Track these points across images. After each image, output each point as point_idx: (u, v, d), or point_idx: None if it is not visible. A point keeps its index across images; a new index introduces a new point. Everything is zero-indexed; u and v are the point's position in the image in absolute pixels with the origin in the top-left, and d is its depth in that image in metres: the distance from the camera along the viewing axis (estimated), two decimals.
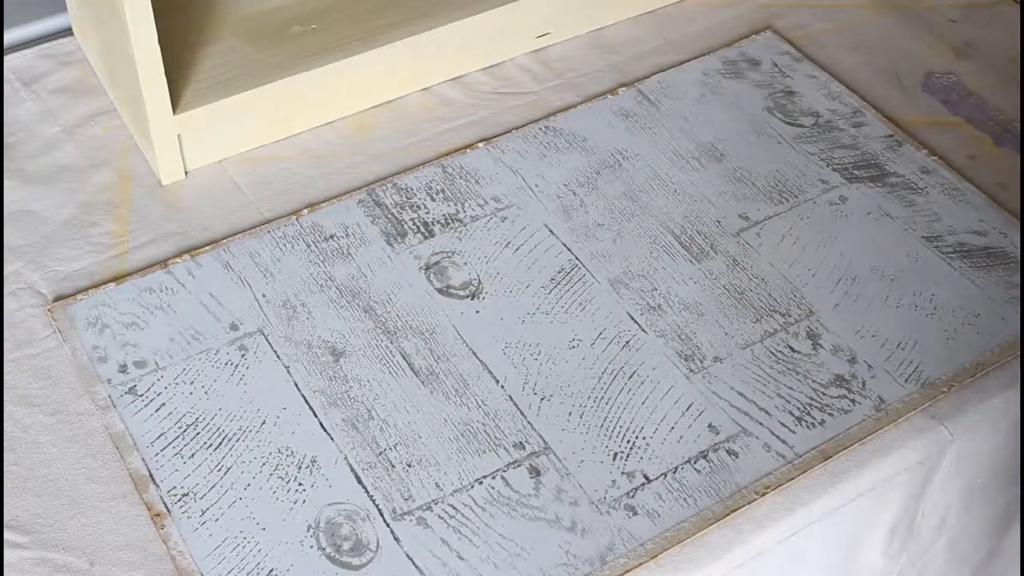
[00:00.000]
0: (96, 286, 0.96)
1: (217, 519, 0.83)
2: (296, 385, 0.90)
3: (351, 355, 0.92)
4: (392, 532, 0.83)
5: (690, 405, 0.90)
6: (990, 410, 0.92)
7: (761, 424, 0.89)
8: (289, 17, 1.11)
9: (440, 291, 0.97)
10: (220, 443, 0.87)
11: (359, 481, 0.85)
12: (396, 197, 1.04)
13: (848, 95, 1.14)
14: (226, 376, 0.91)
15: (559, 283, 0.98)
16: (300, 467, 0.86)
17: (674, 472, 0.86)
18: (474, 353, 0.93)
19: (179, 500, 0.84)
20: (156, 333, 0.93)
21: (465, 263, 0.99)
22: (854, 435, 0.89)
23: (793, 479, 0.86)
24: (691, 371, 0.92)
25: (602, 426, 0.89)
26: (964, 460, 0.92)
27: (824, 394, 0.91)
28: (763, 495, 0.85)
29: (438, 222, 1.02)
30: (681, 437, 0.88)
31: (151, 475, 0.85)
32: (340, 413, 0.89)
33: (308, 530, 0.83)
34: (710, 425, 0.89)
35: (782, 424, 0.89)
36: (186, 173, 1.06)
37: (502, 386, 0.91)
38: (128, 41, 0.95)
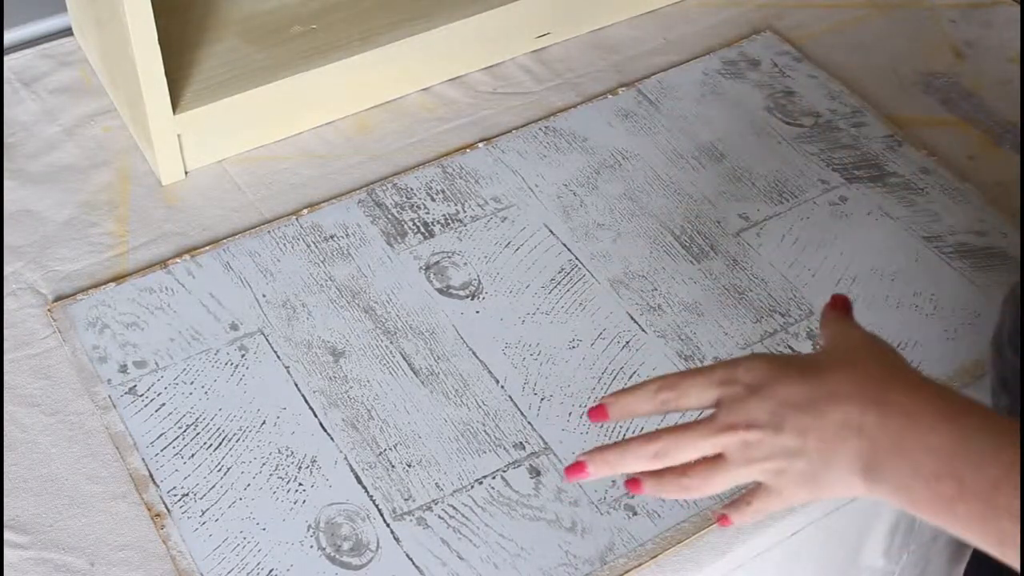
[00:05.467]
0: (96, 286, 0.96)
1: (217, 519, 0.83)
2: (296, 385, 0.90)
3: (351, 355, 0.92)
4: (392, 532, 0.83)
5: None
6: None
7: None
8: (289, 17, 1.11)
9: (440, 291, 0.97)
10: (220, 443, 0.87)
11: (359, 481, 0.85)
12: (396, 197, 1.04)
13: (848, 95, 1.14)
14: (226, 376, 0.91)
15: (559, 283, 0.98)
16: (300, 467, 0.86)
17: None
18: (474, 353, 0.93)
19: (179, 500, 0.84)
20: (156, 333, 0.93)
21: (465, 263, 0.99)
22: None
23: None
24: None
25: (602, 426, 0.89)
26: None
27: None
28: None
29: (438, 222, 1.02)
30: None
31: (151, 475, 0.85)
32: (340, 413, 0.89)
33: (308, 530, 0.83)
34: None
35: None
36: (186, 173, 1.06)
37: (502, 386, 0.91)
38: (128, 41, 0.95)
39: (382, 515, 0.83)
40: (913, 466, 0.60)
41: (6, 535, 0.82)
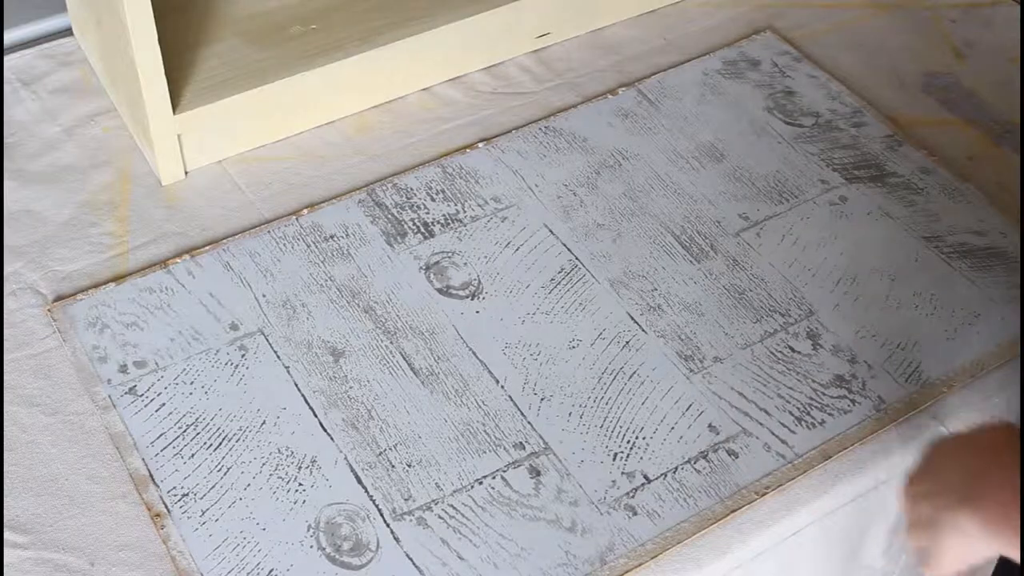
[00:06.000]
0: (96, 286, 0.96)
1: (217, 519, 0.83)
2: (296, 385, 0.90)
3: (351, 355, 0.92)
4: (392, 532, 0.83)
5: (690, 405, 0.90)
6: (990, 410, 0.92)
7: (761, 424, 0.89)
8: (289, 17, 1.11)
9: (440, 291, 0.97)
10: (220, 443, 0.87)
11: (359, 481, 0.85)
12: (396, 197, 1.04)
13: (848, 95, 1.14)
14: (226, 376, 0.91)
15: (559, 283, 0.98)
16: (300, 467, 0.86)
17: (674, 472, 0.86)
18: (474, 353, 0.93)
19: (179, 500, 0.84)
20: (156, 333, 0.93)
21: (465, 263, 0.99)
22: (854, 435, 0.89)
23: (793, 479, 0.86)
24: (691, 371, 0.92)
25: (602, 426, 0.89)
26: None
27: (824, 394, 0.91)
28: (763, 495, 0.85)
29: (438, 222, 1.02)
30: (681, 437, 0.88)
31: (151, 475, 0.85)
32: (340, 413, 0.89)
33: (308, 530, 0.83)
34: (710, 425, 0.89)
35: (782, 424, 0.89)
36: (186, 173, 1.06)
37: (502, 386, 0.91)
38: (128, 41, 0.95)
39: (382, 515, 0.83)
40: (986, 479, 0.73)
41: (6, 535, 0.82)
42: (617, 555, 0.82)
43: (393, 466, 0.86)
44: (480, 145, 1.09)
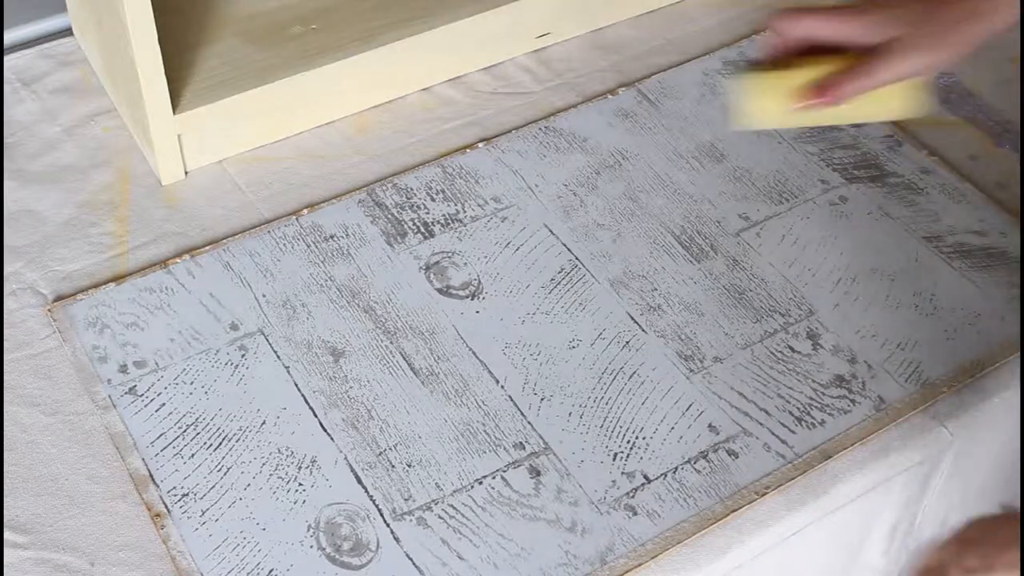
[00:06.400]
0: (96, 286, 0.96)
1: (217, 519, 0.83)
2: (296, 385, 0.90)
3: (351, 355, 0.92)
4: (392, 532, 0.83)
5: (690, 405, 0.90)
6: (990, 410, 0.92)
7: (761, 424, 0.89)
8: (289, 17, 1.11)
9: (440, 291, 0.97)
10: (220, 443, 0.87)
11: (359, 481, 0.85)
12: (396, 197, 1.04)
13: None
14: (226, 376, 0.91)
15: (559, 283, 0.98)
16: (300, 467, 0.86)
17: (674, 472, 0.86)
18: (474, 353, 0.93)
19: (179, 500, 0.84)
20: (156, 333, 0.93)
21: (465, 263, 0.99)
22: (854, 435, 0.89)
23: (793, 479, 0.86)
24: (691, 371, 0.92)
25: (602, 426, 0.89)
26: (964, 460, 0.92)
27: (824, 394, 0.91)
28: (763, 495, 0.85)
29: (438, 222, 1.02)
30: (681, 437, 0.88)
31: (151, 475, 0.85)
32: (340, 413, 0.89)
33: (308, 530, 0.83)
34: (710, 425, 0.89)
35: (782, 424, 0.89)
36: (186, 173, 1.06)
37: (502, 386, 0.91)
38: (128, 41, 0.95)
39: (382, 515, 0.83)
40: None
41: (6, 535, 0.82)
42: (617, 555, 0.82)
43: (393, 466, 0.86)
44: (480, 145, 1.09)
